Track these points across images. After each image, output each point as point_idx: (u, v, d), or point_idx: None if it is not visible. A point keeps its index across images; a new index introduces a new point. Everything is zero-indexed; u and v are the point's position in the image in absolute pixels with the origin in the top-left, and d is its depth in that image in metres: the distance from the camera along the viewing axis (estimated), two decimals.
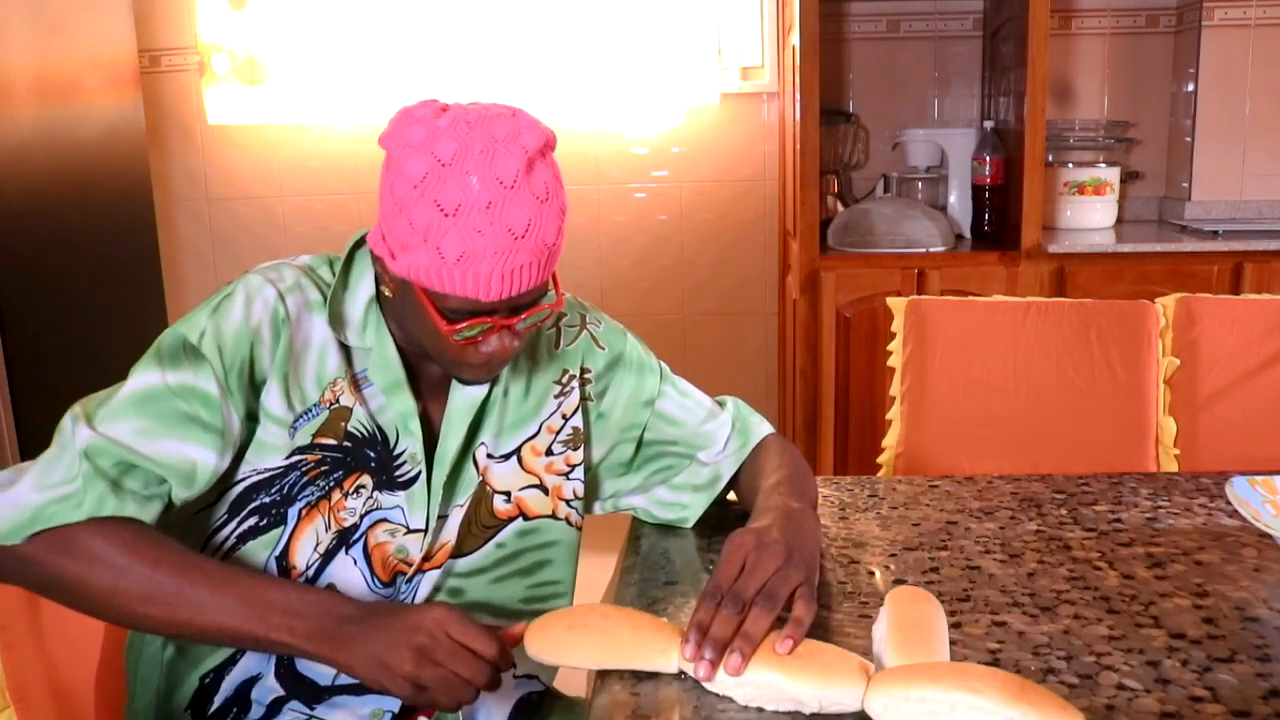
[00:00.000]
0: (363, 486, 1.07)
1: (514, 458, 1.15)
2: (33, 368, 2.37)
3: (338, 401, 1.06)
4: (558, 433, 1.18)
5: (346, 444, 1.07)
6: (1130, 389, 1.80)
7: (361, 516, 1.07)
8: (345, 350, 1.08)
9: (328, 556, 1.06)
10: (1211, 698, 0.88)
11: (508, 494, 1.15)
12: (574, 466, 1.19)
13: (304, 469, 1.05)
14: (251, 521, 1.05)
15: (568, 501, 1.19)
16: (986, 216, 3.04)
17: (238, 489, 1.05)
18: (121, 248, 2.78)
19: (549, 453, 1.17)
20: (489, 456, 1.14)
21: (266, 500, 1.05)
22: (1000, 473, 1.46)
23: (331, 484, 1.06)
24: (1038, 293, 2.82)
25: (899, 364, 1.85)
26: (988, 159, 3.00)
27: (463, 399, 1.11)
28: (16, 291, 2.35)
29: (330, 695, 1.08)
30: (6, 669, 1.04)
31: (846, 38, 3.36)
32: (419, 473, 1.09)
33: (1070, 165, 3.17)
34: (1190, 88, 3.21)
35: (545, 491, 1.17)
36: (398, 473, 1.08)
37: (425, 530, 1.09)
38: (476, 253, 0.95)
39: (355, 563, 1.07)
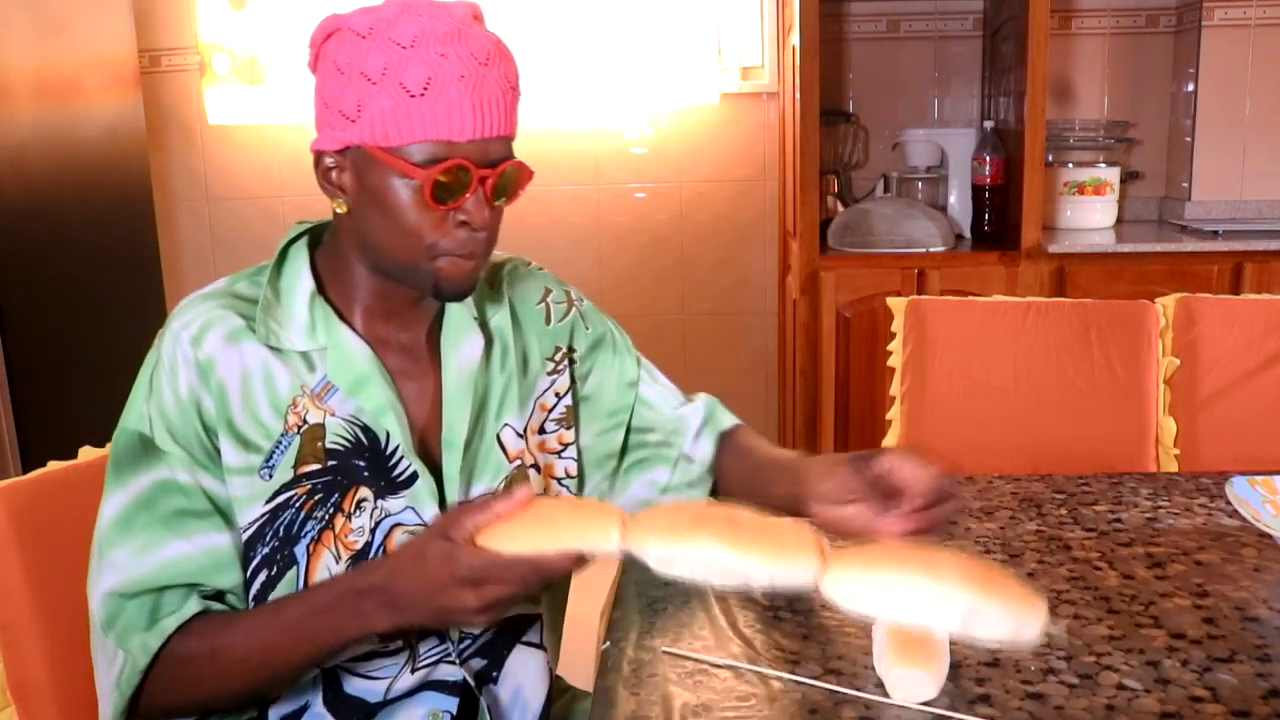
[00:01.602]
0: (364, 500, 1.00)
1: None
2: (33, 368, 2.37)
3: (305, 422, 0.99)
4: (550, 410, 1.14)
5: (331, 463, 0.99)
6: (1130, 389, 1.80)
7: (372, 531, 1.00)
8: (298, 362, 1.00)
9: None
10: (1211, 698, 0.88)
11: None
12: (566, 445, 1.16)
13: (297, 504, 0.99)
14: (262, 577, 0.99)
15: (559, 480, 1.15)
16: (986, 216, 3.04)
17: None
18: (121, 248, 2.78)
19: (542, 430, 1.14)
20: (519, 436, 1.10)
21: (266, 551, 0.99)
22: (1000, 473, 1.46)
23: (331, 510, 1.00)
24: (1038, 293, 2.82)
25: (899, 364, 1.85)
26: (988, 159, 3.00)
27: (456, 376, 1.05)
28: (16, 291, 2.35)
29: (383, 708, 1.04)
30: (8, 667, 1.04)
31: (846, 38, 3.36)
32: (415, 469, 1.02)
33: (1070, 165, 3.17)
34: (1190, 88, 3.21)
35: (538, 469, 1.13)
36: (394, 473, 1.01)
37: None
38: (443, 77, 0.90)
39: None
